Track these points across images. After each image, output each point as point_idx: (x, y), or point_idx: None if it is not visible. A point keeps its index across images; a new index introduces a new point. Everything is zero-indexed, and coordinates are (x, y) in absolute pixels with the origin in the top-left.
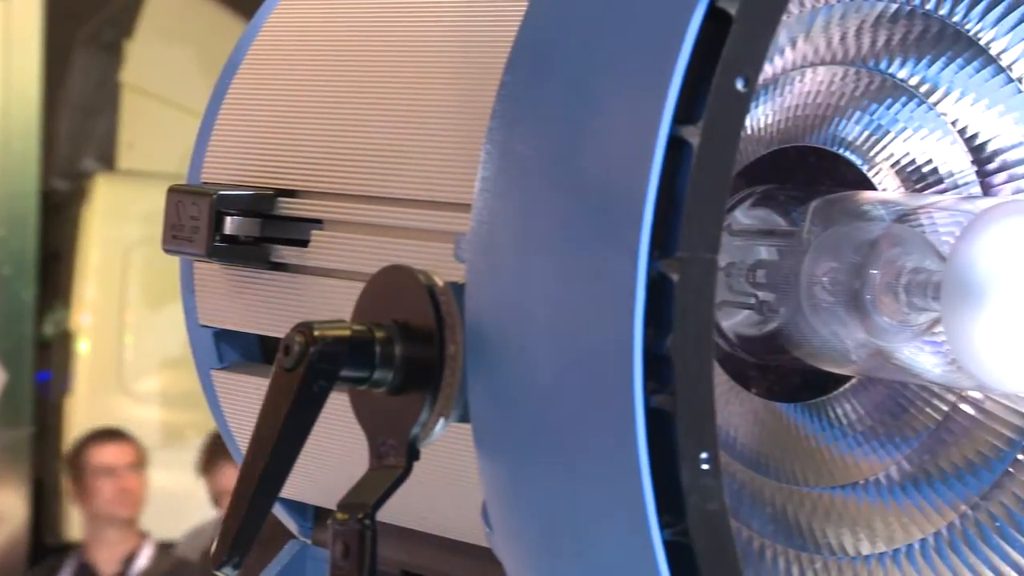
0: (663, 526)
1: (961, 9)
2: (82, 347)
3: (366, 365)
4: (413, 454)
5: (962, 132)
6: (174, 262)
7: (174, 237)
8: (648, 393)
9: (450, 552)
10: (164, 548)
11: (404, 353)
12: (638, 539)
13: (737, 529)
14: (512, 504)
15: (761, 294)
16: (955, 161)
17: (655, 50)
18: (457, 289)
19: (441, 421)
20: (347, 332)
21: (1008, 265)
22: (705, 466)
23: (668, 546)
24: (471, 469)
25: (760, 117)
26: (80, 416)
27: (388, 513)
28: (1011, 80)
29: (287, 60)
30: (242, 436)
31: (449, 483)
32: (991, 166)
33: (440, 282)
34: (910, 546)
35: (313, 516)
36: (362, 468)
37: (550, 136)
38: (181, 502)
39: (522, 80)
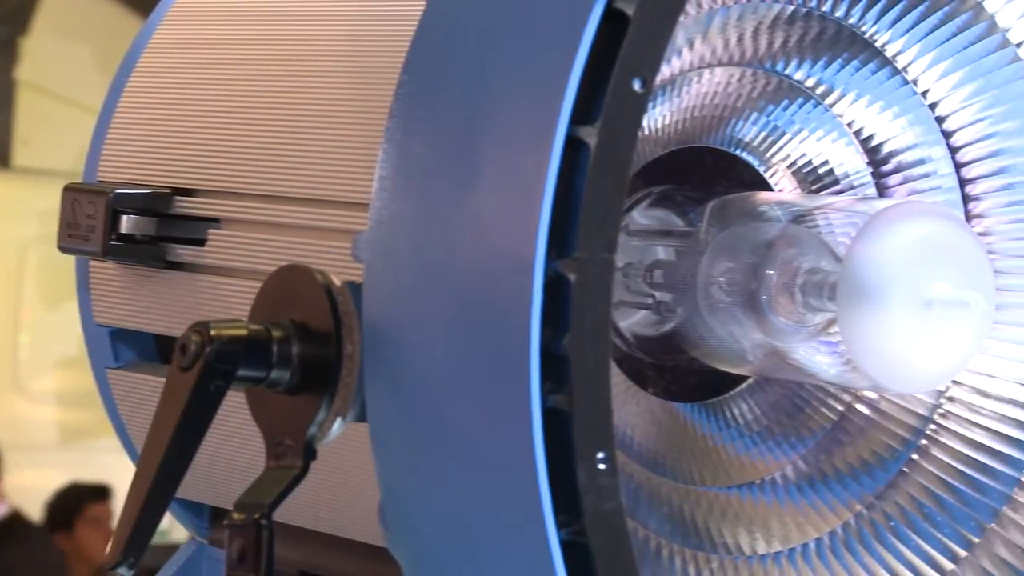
0: (559, 526)
1: (857, 11)
2: None
3: (263, 365)
4: (310, 454)
5: (858, 133)
6: (70, 261)
7: (70, 236)
8: (545, 393)
9: (347, 552)
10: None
11: (301, 353)
12: (534, 539)
13: (634, 529)
14: (408, 504)
15: (658, 294)
16: (851, 162)
17: (552, 50)
18: (355, 288)
19: (338, 421)
20: (244, 332)
21: (902, 266)
22: (602, 466)
23: (564, 546)
24: (368, 469)
25: (657, 118)
26: None
27: (285, 513)
28: (907, 82)
29: (184, 58)
30: (138, 436)
31: (346, 483)
32: (886, 167)
33: (337, 282)
34: (805, 545)
35: (210, 516)
36: (259, 468)
37: (447, 136)
38: None
39: (419, 79)
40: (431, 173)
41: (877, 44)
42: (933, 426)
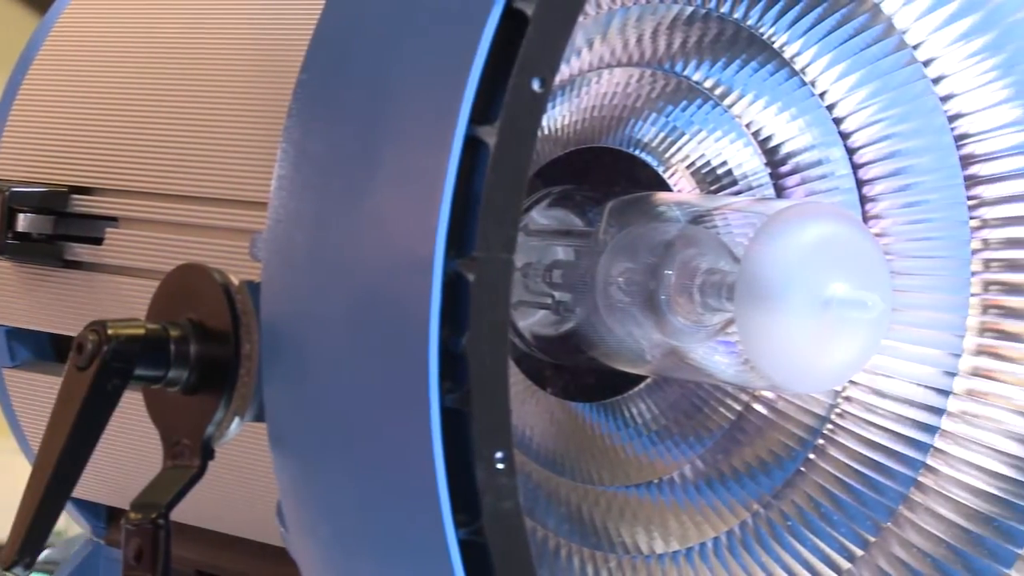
0: (458, 525)
1: (756, 13)
2: None
3: (160, 364)
4: (208, 454)
5: (756, 134)
6: None
7: None
8: (443, 392)
9: (245, 552)
10: None
11: (199, 352)
12: (432, 538)
13: (532, 528)
14: (306, 503)
15: (557, 294)
16: (749, 163)
17: (452, 49)
18: (253, 288)
19: (236, 420)
20: (141, 331)
21: (800, 266)
22: (500, 465)
23: (463, 545)
24: (266, 468)
25: (557, 118)
26: None
27: (183, 513)
28: (805, 83)
29: (82, 55)
30: (34, 436)
31: (244, 483)
32: (784, 168)
33: (236, 281)
34: (703, 544)
35: (106, 516)
36: (156, 468)
37: (346, 135)
38: None
39: (318, 78)
40: (330, 172)
41: (775, 45)
42: (830, 426)
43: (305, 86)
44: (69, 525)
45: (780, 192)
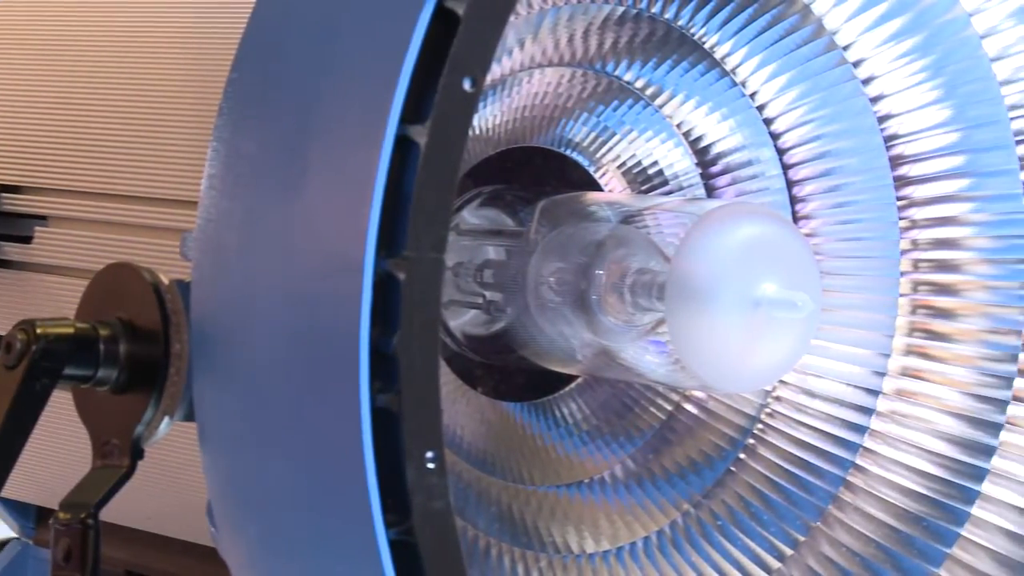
0: (388, 525)
1: (687, 13)
2: None
3: (90, 363)
4: (137, 453)
5: (687, 135)
6: None
7: None
8: (374, 392)
9: (175, 552)
10: None
11: (129, 351)
12: (363, 538)
13: (463, 528)
14: (236, 503)
15: (488, 294)
16: (680, 163)
17: (383, 49)
18: (183, 287)
19: (166, 420)
20: (70, 330)
21: (730, 266)
22: (431, 465)
23: (393, 545)
24: (196, 469)
25: (488, 117)
26: None
27: (112, 513)
28: (735, 84)
29: (10, 54)
30: None
31: (174, 482)
32: (715, 168)
33: (166, 280)
34: (634, 544)
35: (35, 516)
36: (85, 467)
37: (276, 134)
38: None
39: (249, 77)
40: (260, 171)
41: (706, 46)
42: (760, 425)
43: (236, 85)
44: None
45: (711, 192)
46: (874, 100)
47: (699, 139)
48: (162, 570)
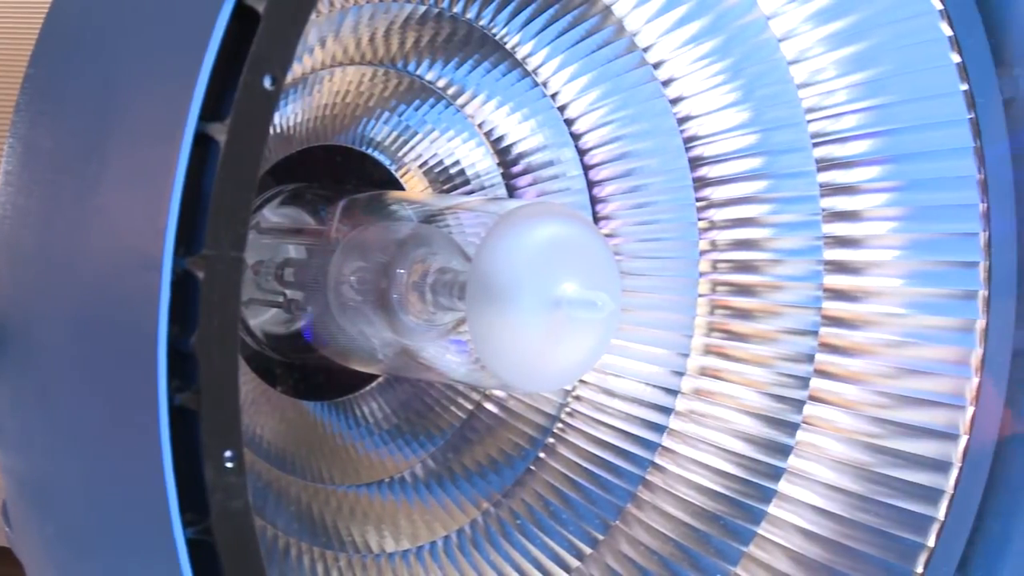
0: (186, 524)
1: (488, 13)
2: None
3: None
4: None
5: (489, 134)
6: None
7: None
8: (172, 391)
9: None
10: None
11: None
12: (160, 538)
13: (262, 528)
14: (32, 503)
15: (289, 292)
16: (481, 163)
17: (182, 46)
18: None
19: None
20: None
21: (530, 266)
22: (229, 464)
23: (191, 545)
24: None
25: (289, 116)
26: None
27: None
28: (536, 84)
29: None
30: None
31: None
32: (516, 168)
33: None
34: (434, 543)
35: None
36: None
37: (74, 130)
38: None
39: (46, 72)
40: (57, 168)
41: (508, 46)
42: (560, 425)
43: (32, 80)
44: None
45: (512, 192)
46: (674, 102)
47: (501, 139)
48: None
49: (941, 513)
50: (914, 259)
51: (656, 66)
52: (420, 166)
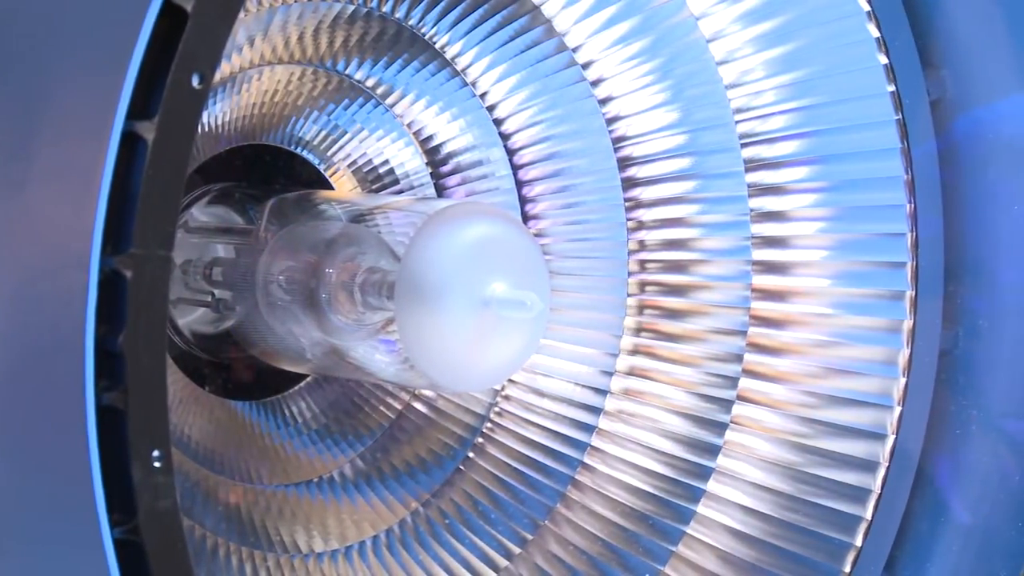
0: (113, 524)
1: (418, 13)
2: None
3: None
4: None
5: (418, 134)
6: None
7: None
8: (100, 391)
9: None
10: None
11: None
12: (88, 538)
13: (190, 527)
14: None
15: (218, 292)
16: (411, 162)
17: (110, 44)
18: None
19: None
20: None
21: (459, 266)
22: (157, 464)
23: (118, 544)
24: None
25: (218, 114)
26: None
27: None
28: (466, 84)
29: None
30: None
31: None
32: (445, 168)
33: None
34: (363, 543)
35: None
36: None
37: (1, 129)
38: None
39: None
40: None
41: (437, 46)
42: (490, 424)
43: None
44: None
45: (441, 192)
46: (603, 102)
47: (430, 139)
48: None
49: (868, 513)
50: (842, 259)
51: (585, 67)
52: (349, 165)
